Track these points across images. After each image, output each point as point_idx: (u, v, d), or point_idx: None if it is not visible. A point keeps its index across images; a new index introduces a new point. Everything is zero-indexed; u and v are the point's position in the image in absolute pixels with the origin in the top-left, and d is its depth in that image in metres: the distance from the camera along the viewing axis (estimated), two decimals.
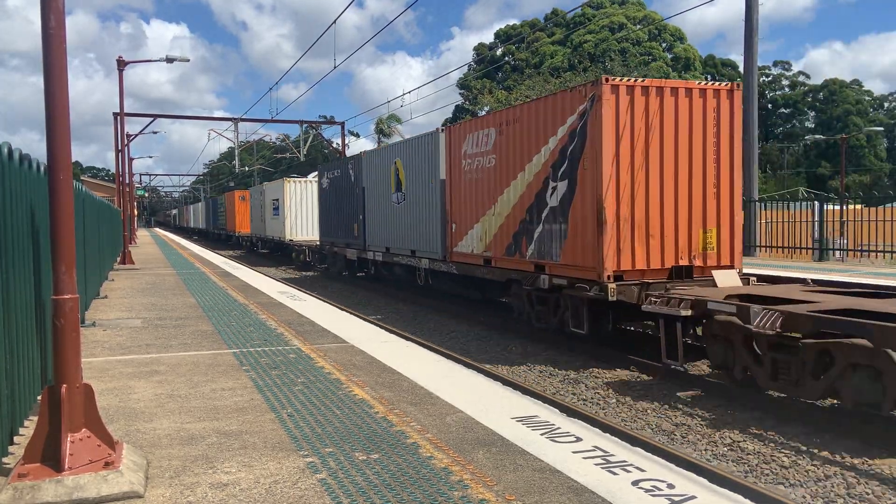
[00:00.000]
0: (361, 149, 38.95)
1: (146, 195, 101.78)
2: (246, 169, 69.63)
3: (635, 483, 4.14)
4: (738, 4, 17.32)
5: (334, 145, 43.97)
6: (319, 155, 65.34)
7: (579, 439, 4.96)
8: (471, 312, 15.73)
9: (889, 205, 18.96)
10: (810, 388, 7.62)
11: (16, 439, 4.71)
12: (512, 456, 4.62)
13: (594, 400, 9.14)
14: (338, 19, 21.98)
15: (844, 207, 21.27)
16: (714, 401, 8.72)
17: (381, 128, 58.20)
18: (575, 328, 11.30)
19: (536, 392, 8.92)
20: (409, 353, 8.19)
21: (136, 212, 63.76)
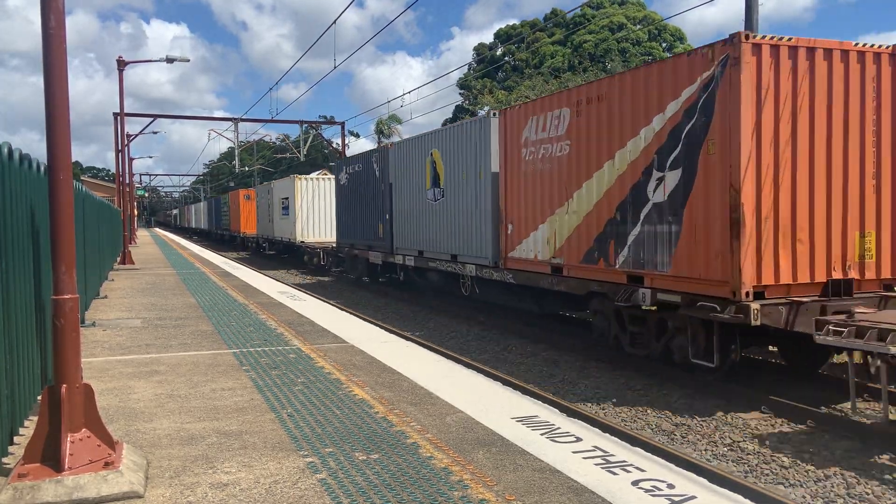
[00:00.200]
0: (361, 149, 38.83)
1: (146, 195, 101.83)
2: (246, 169, 69.62)
3: (635, 483, 4.15)
4: (738, 4, 17.18)
5: (334, 145, 43.99)
6: (319, 155, 65.36)
7: (579, 439, 4.97)
8: (477, 314, 15.72)
9: None
10: None
11: (16, 439, 4.71)
12: (512, 456, 4.62)
13: (594, 400, 9.14)
14: (338, 19, 21.99)
15: None
16: (713, 401, 8.72)
17: (381, 128, 58.20)
18: (698, 359, 8.93)
19: (536, 392, 8.92)
20: (409, 353, 8.19)
21: (136, 212, 63.76)
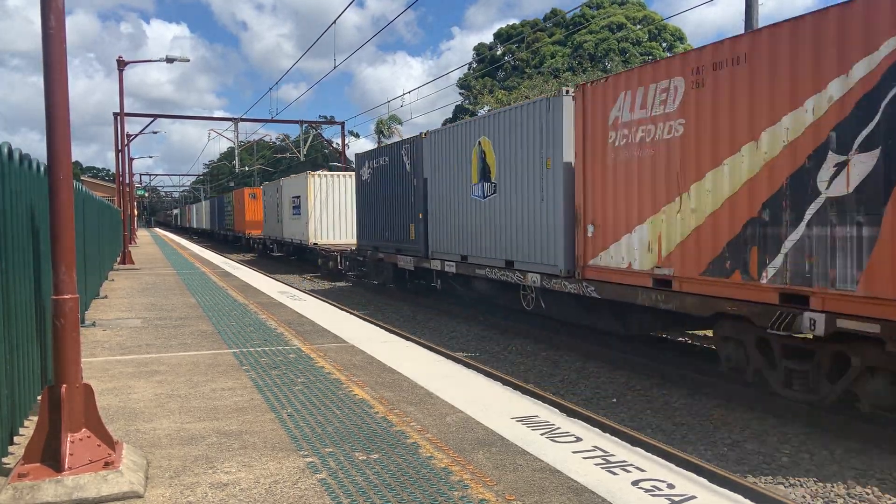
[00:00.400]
0: (362, 149, 38.66)
1: (146, 195, 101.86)
2: (246, 169, 69.66)
3: (635, 483, 4.15)
4: (738, 4, 17.23)
5: (334, 145, 44.03)
6: (319, 155, 65.38)
7: (579, 439, 4.97)
8: (476, 313, 15.72)
9: None
10: None
11: (16, 439, 4.71)
12: (512, 456, 4.62)
13: (594, 400, 9.14)
14: (338, 19, 22.00)
15: None
16: (713, 401, 8.72)
17: (381, 129, 58.20)
18: None
19: (536, 392, 8.92)
20: (410, 353, 8.19)
21: (137, 212, 63.73)
